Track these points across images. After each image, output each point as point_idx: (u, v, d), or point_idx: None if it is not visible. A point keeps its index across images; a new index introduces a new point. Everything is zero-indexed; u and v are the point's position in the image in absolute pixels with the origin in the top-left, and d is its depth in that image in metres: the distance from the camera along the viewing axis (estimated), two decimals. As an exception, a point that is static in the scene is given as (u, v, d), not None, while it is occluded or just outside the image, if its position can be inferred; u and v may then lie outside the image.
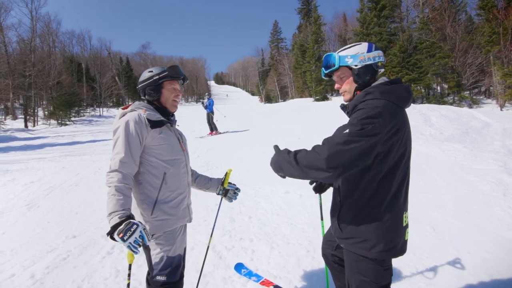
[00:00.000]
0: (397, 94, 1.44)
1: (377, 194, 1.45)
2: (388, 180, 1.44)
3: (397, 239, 1.48)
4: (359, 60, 1.51)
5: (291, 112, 19.17)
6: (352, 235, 1.51)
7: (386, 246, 1.45)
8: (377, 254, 1.46)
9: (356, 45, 1.55)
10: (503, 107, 18.03)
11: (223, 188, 2.20)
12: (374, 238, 1.45)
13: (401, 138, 1.40)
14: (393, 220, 1.46)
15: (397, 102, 1.42)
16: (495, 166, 5.57)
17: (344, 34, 33.96)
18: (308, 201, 4.45)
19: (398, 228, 1.49)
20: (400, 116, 1.41)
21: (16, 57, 25.76)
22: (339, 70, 1.58)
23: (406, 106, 1.49)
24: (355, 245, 1.50)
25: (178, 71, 1.85)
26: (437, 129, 9.46)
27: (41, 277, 2.73)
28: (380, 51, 1.54)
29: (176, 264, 1.74)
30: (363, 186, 1.46)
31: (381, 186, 1.44)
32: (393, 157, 1.40)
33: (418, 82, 22.02)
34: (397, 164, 1.43)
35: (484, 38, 19.83)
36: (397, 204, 1.47)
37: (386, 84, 1.50)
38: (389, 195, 1.45)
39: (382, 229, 1.45)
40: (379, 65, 1.53)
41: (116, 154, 1.60)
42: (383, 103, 1.37)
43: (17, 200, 4.93)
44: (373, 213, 1.46)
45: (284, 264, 2.88)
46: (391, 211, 1.45)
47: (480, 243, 3.11)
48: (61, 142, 13.19)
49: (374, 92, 1.44)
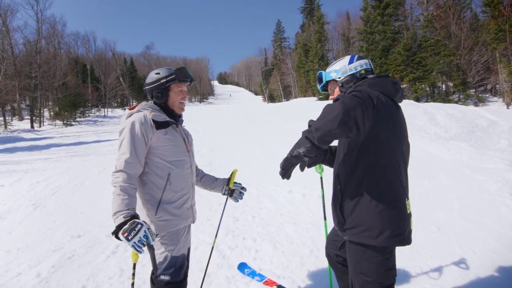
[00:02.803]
0: (383, 86, 1.56)
1: (375, 180, 1.48)
2: (383, 166, 1.48)
3: (403, 226, 1.49)
4: (341, 73, 1.71)
5: (295, 111, 19.11)
6: (357, 223, 1.51)
7: (392, 233, 1.45)
8: (384, 241, 1.45)
9: (339, 60, 1.76)
10: (509, 105, 17.82)
11: (229, 188, 2.20)
12: (379, 225, 1.45)
13: (390, 124, 1.48)
14: (396, 206, 1.48)
15: (384, 91, 1.54)
16: (501, 165, 5.50)
17: (348, 32, 33.77)
18: (311, 201, 4.45)
19: (403, 214, 1.49)
20: (389, 107, 1.50)
21: (22, 59, 26.07)
22: (329, 84, 1.81)
23: (395, 97, 1.59)
24: (360, 234, 1.49)
25: (186, 74, 1.85)
26: (442, 127, 9.38)
27: (47, 276, 2.76)
28: (363, 60, 1.70)
29: (180, 264, 1.75)
30: (360, 172, 1.50)
31: (377, 171, 1.48)
32: (383, 141, 1.47)
33: (423, 81, 21.86)
34: (388, 150, 1.48)
35: (490, 36, 19.59)
36: (396, 190, 1.50)
37: (373, 78, 1.63)
38: (387, 180, 1.48)
39: (386, 215, 1.45)
40: (362, 72, 1.67)
41: (121, 155, 1.61)
42: (370, 91, 1.48)
43: (23, 200, 5.00)
44: (374, 200, 1.47)
45: (288, 264, 2.88)
46: (391, 197, 1.48)
47: (485, 243, 3.08)
48: (67, 143, 13.32)
49: (363, 84, 1.57)
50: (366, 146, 1.47)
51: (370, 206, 1.47)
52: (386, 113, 1.46)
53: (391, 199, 1.47)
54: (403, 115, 1.63)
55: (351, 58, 1.71)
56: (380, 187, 1.48)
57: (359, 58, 1.70)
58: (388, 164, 1.49)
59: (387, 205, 1.46)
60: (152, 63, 57.07)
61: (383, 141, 1.47)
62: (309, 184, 4.91)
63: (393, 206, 1.47)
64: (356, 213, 1.51)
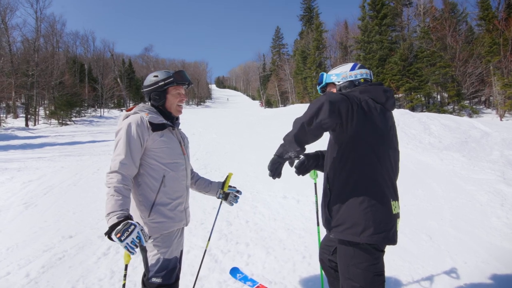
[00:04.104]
0: (374, 92, 1.61)
1: (361, 179, 1.53)
2: (368, 166, 1.53)
3: (388, 225, 1.51)
4: (341, 77, 1.76)
5: (292, 117, 19.18)
6: (342, 221, 1.54)
7: (376, 230, 1.47)
8: (368, 238, 1.47)
9: (342, 65, 1.82)
10: (503, 117, 18.10)
11: (223, 192, 2.20)
12: (363, 222, 1.48)
13: (376, 127, 1.52)
14: (380, 204, 1.51)
15: (375, 97, 1.59)
16: (493, 176, 5.58)
17: (345, 41, 34.10)
18: (305, 207, 4.46)
19: (387, 213, 1.52)
20: (376, 111, 1.54)
21: (19, 57, 25.92)
22: (328, 86, 1.86)
23: (385, 104, 1.62)
24: (345, 231, 1.52)
25: (184, 77, 1.87)
26: (436, 137, 9.48)
27: (36, 276, 2.72)
28: (364, 70, 1.76)
29: (172, 267, 1.74)
30: (346, 172, 1.55)
31: (362, 171, 1.53)
32: (368, 142, 1.51)
33: (418, 91, 22.14)
34: (373, 151, 1.53)
35: (485, 49, 20.00)
36: (381, 189, 1.53)
37: (364, 85, 1.69)
38: (372, 180, 1.53)
39: (370, 212, 1.49)
40: (361, 81, 1.73)
41: (116, 156, 1.62)
42: (360, 96, 1.55)
43: (15, 199, 4.93)
44: (359, 198, 1.51)
45: (280, 270, 2.88)
46: (376, 196, 1.51)
47: (476, 253, 3.11)
48: (61, 142, 13.21)
49: (354, 90, 1.64)
50: (352, 146, 1.53)
51: (355, 204, 1.51)
52: (372, 116, 1.51)
53: (376, 198, 1.51)
54: (394, 122, 1.68)
55: (354, 66, 1.77)
56: (366, 186, 1.52)
57: (361, 67, 1.77)
58: (374, 164, 1.53)
59: (372, 203, 1.50)
60: (151, 65, 57.01)
61: (369, 142, 1.52)
62: (303, 190, 4.94)
63: (378, 205, 1.50)
64: (341, 211, 1.55)
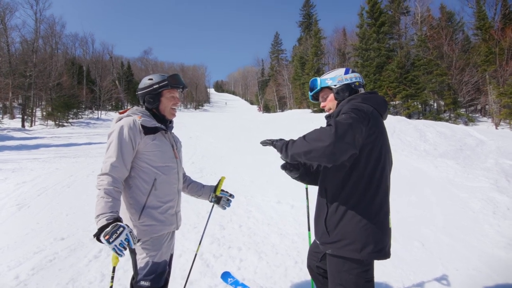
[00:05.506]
0: (376, 101, 1.63)
1: (364, 195, 1.51)
2: (373, 182, 1.52)
3: (385, 241, 1.52)
4: (337, 81, 1.76)
5: (290, 122, 19.28)
6: (341, 237, 1.52)
7: (375, 247, 1.48)
8: (368, 256, 1.48)
9: (335, 70, 1.82)
10: (498, 125, 18.25)
11: (215, 196, 2.20)
12: (363, 239, 1.48)
13: (380, 140, 1.52)
14: (380, 221, 1.51)
15: (377, 107, 1.60)
16: (486, 183, 5.62)
17: (344, 48, 34.39)
18: (299, 212, 4.46)
19: (385, 229, 1.53)
20: (380, 123, 1.57)
21: (18, 57, 25.85)
22: (322, 91, 1.84)
23: (383, 114, 1.65)
24: (344, 248, 1.51)
25: (178, 80, 1.88)
26: (431, 144, 9.54)
27: (26, 278, 2.70)
28: (357, 74, 1.78)
29: (161, 270, 1.74)
30: (349, 187, 1.53)
31: (366, 187, 1.51)
32: (374, 157, 1.51)
33: (415, 98, 22.32)
34: (378, 166, 1.53)
35: (481, 58, 20.26)
36: (383, 205, 1.54)
37: (365, 93, 1.70)
38: (375, 196, 1.51)
39: (369, 229, 1.48)
40: (356, 84, 1.75)
41: (108, 158, 1.63)
42: (366, 106, 1.54)
43: (8, 200, 4.90)
44: (359, 214, 1.50)
45: (271, 275, 2.87)
46: (377, 212, 1.51)
47: (468, 260, 3.12)
48: (57, 144, 13.14)
49: (356, 98, 1.64)
50: (357, 161, 1.51)
51: (355, 220, 1.50)
52: (377, 129, 1.51)
53: (377, 214, 1.51)
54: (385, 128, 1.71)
55: (347, 70, 1.80)
56: (368, 202, 1.51)
57: (353, 71, 1.80)
58: (378, 179, 1.52)
59: (372, 220, 1.49)
60: (149, 68, 57.01)
61: (374, 157, 1.51)
62: (298, 195, 4.94)
63: (378, 221, 1.50)
64: (340, 227, 1.53)
